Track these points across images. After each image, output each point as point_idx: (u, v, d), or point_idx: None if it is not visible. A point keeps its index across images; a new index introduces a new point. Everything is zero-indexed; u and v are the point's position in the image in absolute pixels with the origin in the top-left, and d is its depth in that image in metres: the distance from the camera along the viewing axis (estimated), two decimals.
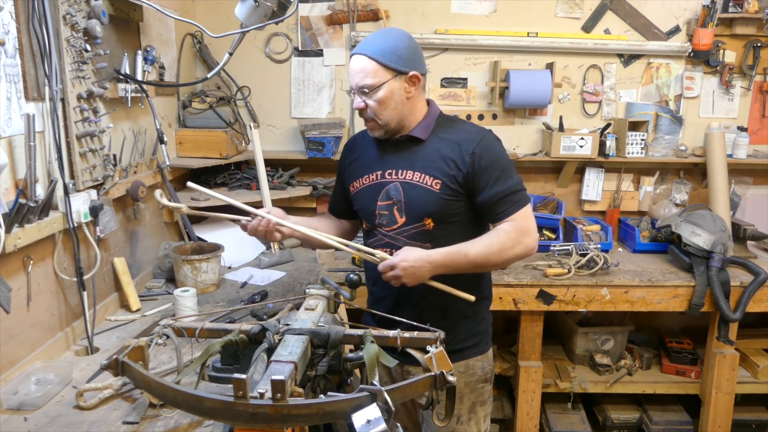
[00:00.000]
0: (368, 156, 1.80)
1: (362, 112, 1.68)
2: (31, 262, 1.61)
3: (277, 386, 0.99)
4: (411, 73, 1.65)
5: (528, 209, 1.67)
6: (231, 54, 2.15)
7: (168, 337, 1.39)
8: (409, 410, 1.94)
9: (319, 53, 3.10)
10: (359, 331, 1.31)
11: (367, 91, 1.63)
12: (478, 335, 1.82)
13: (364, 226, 1.85)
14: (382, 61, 1.62)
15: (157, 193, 1.70)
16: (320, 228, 1.81)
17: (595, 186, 3.24)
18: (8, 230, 1.45)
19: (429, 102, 1.77)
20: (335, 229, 1.94)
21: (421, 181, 1.68)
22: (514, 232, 1.62)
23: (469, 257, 1.59)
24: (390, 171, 1.73)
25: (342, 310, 1.99)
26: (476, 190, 1.66)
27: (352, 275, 1.55)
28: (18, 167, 1.57)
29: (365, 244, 1.79)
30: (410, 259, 1.57)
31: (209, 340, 1.40)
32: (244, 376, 1.00)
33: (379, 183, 1.75)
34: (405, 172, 1.71)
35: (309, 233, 1.72)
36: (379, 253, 1.63)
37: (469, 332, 1.79)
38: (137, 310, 2.07)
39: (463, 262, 1.60)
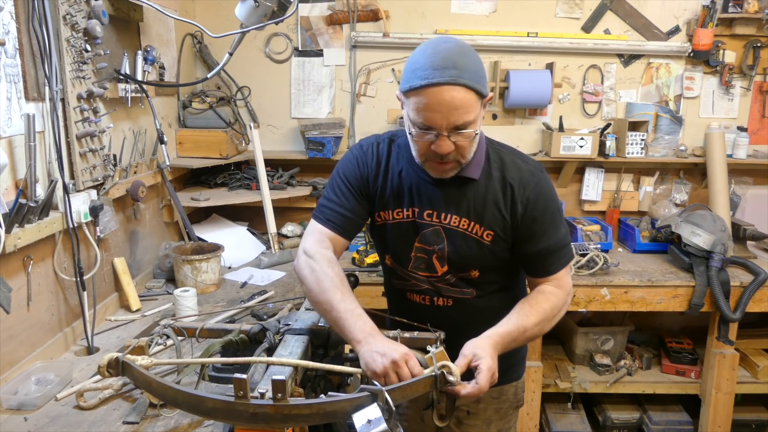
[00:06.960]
0: (402, 182, 1.45)
1: (444, 155, 1.30)
2: (31, 262, 1.61)
3: (278, 386, 0.99)
4: (489, 95, 1.32)
5: (570, 265, 1.44)
6: (231, 54, 2.15)
7: (168, 337, 1.39)
8: None
9: (319, 53, 3.10)
10: None
11: (464, 130, 1.26)
12: (514, 359, 1.65)
13: (387, 261, 1.56)
14: (478, 88, 1.25)
15: None
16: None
17: (595, 186, 3.24)
18: (8, 230, 1.45)
19: None
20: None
21: (470, 230, 1.40)
22: (562, 293, 1.40)
23: (528, 334, 1.34)
24: (429, 211, 1.42)
25: None
26: (522, 241, 1.41)
27: (349, 276, 1.55)
28: (18, 167, 1.57)
29: (390, 282, 1.59)
30: (494, 364, 1.22)
31: (209, 340, 1.40)
32: (244, 376, 1.00)
33: (413, 222, 1.44)
34: (449, 216, 1.41)
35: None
36: (454, 372, 1.15)
37: (508, 356, 1.55)
38: (137, 310, 2.07)
39: (521, 339, 1.34)
